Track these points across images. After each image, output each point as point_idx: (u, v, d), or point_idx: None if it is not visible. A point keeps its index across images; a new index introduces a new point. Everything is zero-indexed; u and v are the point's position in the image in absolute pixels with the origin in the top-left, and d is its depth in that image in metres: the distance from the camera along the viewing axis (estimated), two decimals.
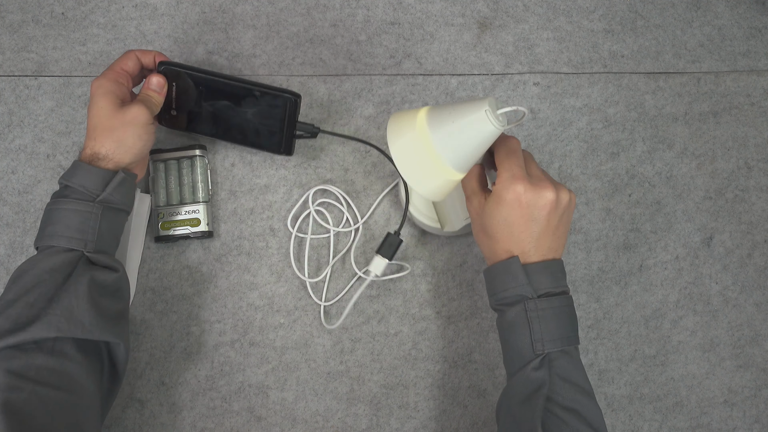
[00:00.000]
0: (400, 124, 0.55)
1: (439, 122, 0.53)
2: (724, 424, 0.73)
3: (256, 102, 0.66)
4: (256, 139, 0.68)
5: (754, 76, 0.79)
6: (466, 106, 0.52)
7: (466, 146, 0.53)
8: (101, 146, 0.59)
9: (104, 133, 0.59)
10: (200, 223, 0.68)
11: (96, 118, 0.59)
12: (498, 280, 0.56)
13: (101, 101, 0.59)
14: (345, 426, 0.69)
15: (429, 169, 0.54)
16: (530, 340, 0.54)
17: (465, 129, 0.52)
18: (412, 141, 0.54)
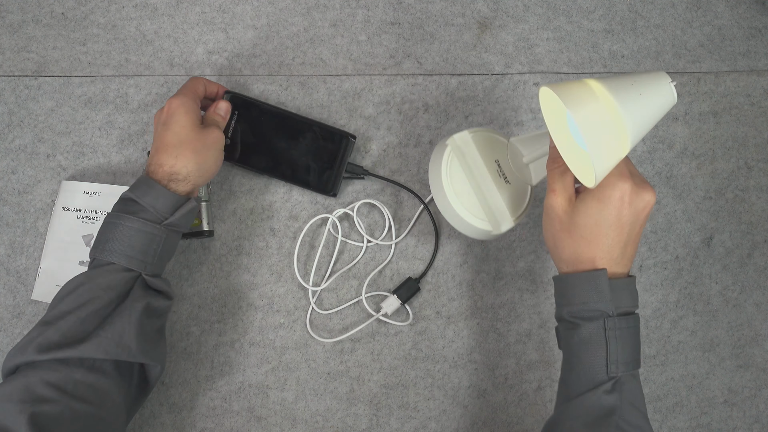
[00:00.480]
0: (574, 94, 0.49)
1: (624, 92, 0.48)
2: (724, 424, 0.73)
3: (312, 139, 0.68)
4: (305, 176, 0.69)
5: (754, 76, 0.79)
6: (645, 78, 0.50)
7: (650, 119, 0.49)
8: (183, 166, 0.58)
9: (187, 153, 0.58)
10: (201, 222, 0.68)
11: (179, 136, 0.58)
12: (578, 291, 0.52)
13: (184, 118, 0.59)
14: (345, 426, 0.69)
15: (612, 142, 0.48)
16: (605, 360, 0.51)
17: (652, 100, 0.49)
18: (597, 111, 0.47)
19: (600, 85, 0.48)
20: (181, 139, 0.58)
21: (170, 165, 0.57)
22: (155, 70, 0.73)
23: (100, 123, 0.72)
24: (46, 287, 0.67)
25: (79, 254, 0.68)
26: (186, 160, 0.58)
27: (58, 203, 0.68)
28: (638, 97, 0.48)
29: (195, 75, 0.66)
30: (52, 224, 0.68)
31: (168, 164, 0.57)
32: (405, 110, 0.74)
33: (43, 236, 0.69)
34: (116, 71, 0.73)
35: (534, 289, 0.72)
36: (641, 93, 0.48)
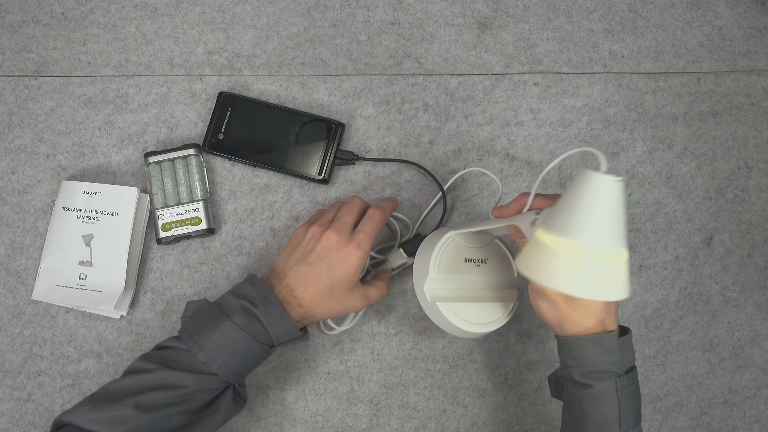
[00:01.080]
0: (535, 261, 0.48)
1: (574, 224, 0.46)
2: (724, 424, 0.73)
3: (302, 129, 0.70)
4: (296, 165, 0.70)
5: (754, 76, 0.79)
6: (578, 190, 0.46)
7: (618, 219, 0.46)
8: (320, 314, 0.58)
9: (327, 304, 0.58)
10: (201, 221, 0.68)
11: (334, 289, 0.57)
12: (589, 353, 0.53)
13: (349, 278, 0.58)
14: (345, 426, 0.69)
15: (602, 269, 0.46)
16: (618, 419, 0.52)
17: (607, 207, 0.45)
18: (566, 262, 0.46)
19: (550, 235, 0.47)
20: (333, 293, 0.57)
21: (307, 309, 0.57)
22: (155, 70, 0.73)
23: (100, 123, 0.72)
24: (46, 287, 0.67)
25: (79, 254, 0.68)
26: (321, 311, 0.58)
27: (58, 203, 0.68)
28: (590, 214, 0.45)
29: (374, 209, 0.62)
30: (52, 224, 0.68)
31: (306, 306, 0.57)
32: (405, 110, 0.74)
33: (43, 236, 0.69)
34: (116, 71, 0.73)
35: None
36: (590, 211, 0.45)
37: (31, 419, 0.67)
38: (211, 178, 0.71)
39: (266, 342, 0.56)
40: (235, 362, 0.55)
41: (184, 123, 0.72)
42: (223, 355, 0.54)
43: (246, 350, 0.55)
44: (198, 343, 0.55)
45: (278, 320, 0.55)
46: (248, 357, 0.56)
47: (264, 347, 0.56)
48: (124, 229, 0.67)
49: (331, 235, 0.58)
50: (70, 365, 0.68)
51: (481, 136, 0.74)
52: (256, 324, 0.55)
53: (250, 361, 0.56)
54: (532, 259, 0.48)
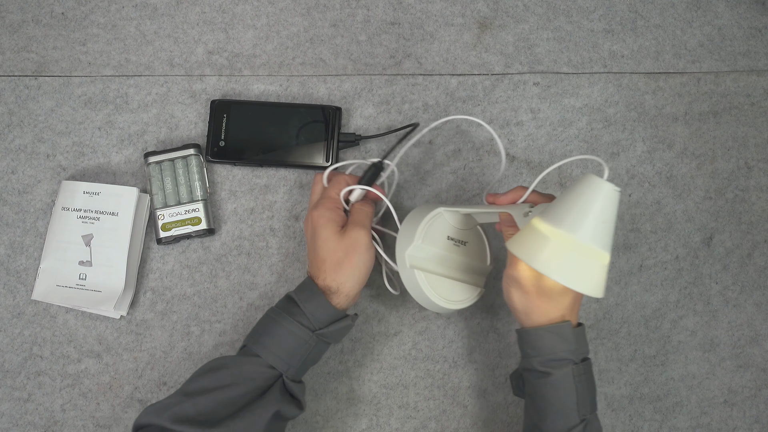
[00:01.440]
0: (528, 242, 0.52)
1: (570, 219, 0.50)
2: (724, 424, 0.73)
3: (301, 120, 0.70)
4: (303, 158, 0.70)
5: (754, 76, 0.79)
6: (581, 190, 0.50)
7: (609, 225, 0.50)
8: (332, 280, 0.59)
9: (333, 267, 0.59)
10: (201, 221, 0.68)
11: (323, 250, 0.59)
12: (548, 342, 0.56)
13: (324, 232, 0.59)
14: (345, 426, 0.69)
15: (587, 264, 0.50)
16: (576, 404, 0.55)
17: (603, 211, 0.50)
18: (556, 250, 0.50)
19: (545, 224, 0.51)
20: (326, 254, 0.59)
21: (322, 279, 0.59)
22: (155, 70, 0.73)
23: (100, 123, 0.72)
24: (46, 287, 0.67)
25: (79, 254, 0.68)
26: (334, 274, 0.59)
27: (58, 203, 0.68)
28: (586, 215, 0.49)
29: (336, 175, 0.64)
30: (52, 224, 0.68)
31: (321, 279, 0.59)
32: (405, 110, 0.74)
33: (43, 236, 0.69)
34: (116, 71, 0.73)
35: None
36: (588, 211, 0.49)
37: (31, 419, 0.67)
38: (211, 178, 0.71)
39: (303, 323, 0.57)
40: (273, 342, 0.57)
41: (184, 123, 0.72)
42: (262, 335, 0.57)
43: (282, 329, 0.57)
44: (251, 336, 0.58)
45: (309, 296, 0.58)
46: (285, 337, 0.57)
47: (301, 327, 0.57)
48: (124, 229, 0.68)
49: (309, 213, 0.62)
50: (70, 365, 0.68)
51: (481, 136, 0.74)
52: (293, 305, 0.58)
53: (288, 342, 0.57)
54: (524, 242, 0.52)
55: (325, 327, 0.58)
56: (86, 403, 0.67)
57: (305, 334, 0.57)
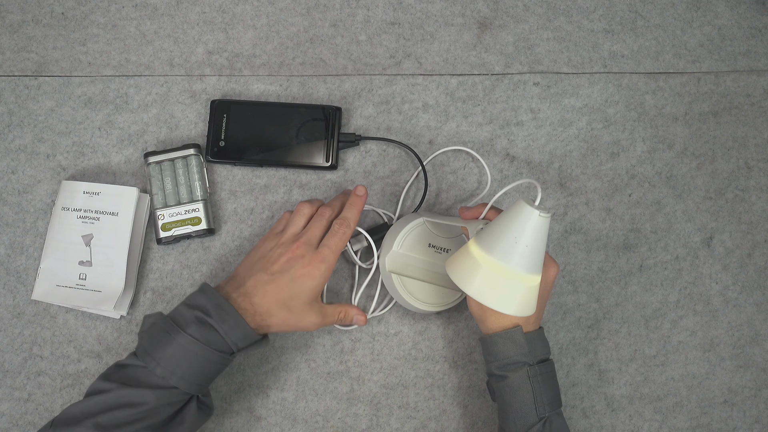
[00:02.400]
0: (462, 267, 0.55)
1: (500, 247, 0.53)
2: (724, 424, 0.73)
3: (301, 120, 0.70)
4: (303, 157, 0.70)
5: (754, 76, 0.79)
6: (511, 216, 0.53)
7: (539, 251, 0.53)
8: (272, 325, 0.58)
9: (283, 315, 0.58)
10: (201, 221, 0.68)
11: (293, 301, 0.58)
12: (501, 347, 0.59)
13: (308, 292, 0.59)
14: (345, 426, 0.69)
15: (514, 289, 0.53)
16: (533, 404, 0.58)
17: (529, 238, 0.52)
18: (486, 277, 0.53)
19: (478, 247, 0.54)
20: (290, 305, 0.58)
21: (262, 317, 0.57)
22: (155, 70, 0.73)
23: (100, 123, 0.72)
24: (46, 287, 0.67)
25: (79, 254, 0.68)
26: (276, 321, 0.58)
27: (58, 203, 0.68)
28: (514, 244, 0.52)
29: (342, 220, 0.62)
30: (52, 224, 0.68)
31: (260, 314, 0.57)
32: (405, 110, 0.74)
33: (43, 236, 0.69)
34: (116, 71, 0.73)
35: None
36: (517, 240, 0.52)
37: (31, 419, 0.67)
38: (211, 178, 0.71)
39: (224, 350, 0.56)
40: (194, 373, 0.55)
41: (184, 123, 0.72)
42: (180, 367, 0.54)
43: (204, 360, 0.55)
44: (154, 359, 0.54)
45: (234, 327, 0.56)
46: (207, 366, 0.55)
47: (222, 355, 0.56)
48: (124, 229, 0.68)
49: (298, 250, 0.59)
50: (70, 365, 0.68)
51: (481, 136, 0.74)
52: (212, 333, 0.55)
53: (209, 370, 0.56)
54: (459, 266, 0.56)
55: (241, 349, 0.58)
56: None
57: (222, 359, 0.56)
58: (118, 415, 0.52)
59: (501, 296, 0.53)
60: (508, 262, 0.52)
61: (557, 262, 0.67)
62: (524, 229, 0.52)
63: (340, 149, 0.71)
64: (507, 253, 0.52)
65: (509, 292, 0.53)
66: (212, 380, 0.58)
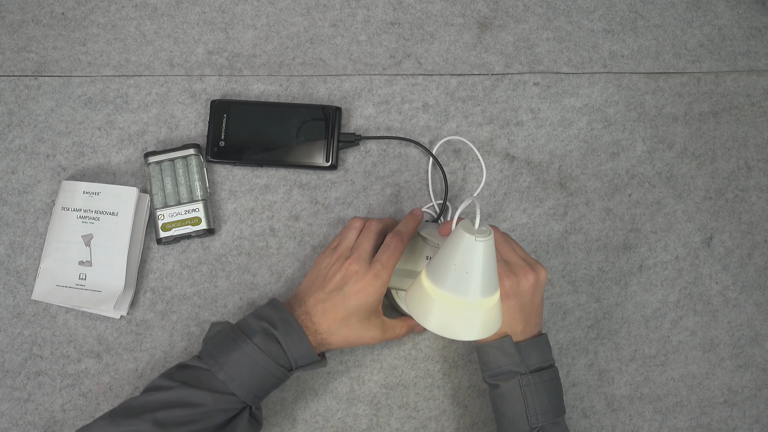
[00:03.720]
0: (418, 302, 0.54)
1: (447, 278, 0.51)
2: (724, 424, 0.73)
3: (301, 120, 0.70)
4: (303, 157, 0.70)
5: (754, 76, 0.79)
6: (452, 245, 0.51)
7: (485, 274, 0.51)
8: (333, 343, 0.59)
9: (343, 332, 0.58)
10: (201, 221, 0.68)
11: (350, 318, 0.58)
12: (492, 357, 0.59)
13: (365, 308, 0.58)
14: (345, 426, 0.69)
15: (472, 316, 0.52)
16: (525, 414, 0.58)
17: (471, 265, 0.50)
18: (441, 311, 0.52)
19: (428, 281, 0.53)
20: (349, 323, 0.58)
21: (323, 336, 0.58)
22: (155, 70, 0.73)
23: (100, 123, 0.72)
24: (46, 287, 0.67)
25: (79, 254, 0.68)
26: (337, 339, 0.58)
27: (58, 203, 0.68)
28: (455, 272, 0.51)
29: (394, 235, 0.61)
30: (52, 224, 0.68)
31: (321, 333, 0.58)
32: (405, 110, 0.74)
33: (43, 236, 0.69)
34: (116, 71, 0.73)
35: None
36: (456, 268, 0.50)
37: (31, 419, 0.67)
38: (211, 178, 0.71)
39: (284, 365, 0.56)
40: (254, 383, 0.56)
41: (184, 123, 0.72)
42: (242, 375, 0.55)
43: (264, 371, 0.56)
44: (218, 363, 0.55)
45: (297, 343, 0.56)
46: (266, 378, 0.56)
47: (282, 370, 0.56)
48: (124, 229, 0.68)
49: (351, 266, 0.59)
50: (70, 365, 0.68)
51: (481, 136, 0.74)
52: (276, 346, 0.56)
53: (268, 382, 0.56)
54: (414, 299, 0.55)
55: (301, 367, 0.58)
56: (86, 403, 0.67)
57: (283, 374, 0.57)
58: (176, 414, 0.53)
59: (460, 326, 0.52)
60: (457, 292, 0.51)
61: (544, 266, 0.64)
62: (466, 257, 0.50)
63: (340, 149, 0.71)
64: (455, 284, 0.51)
65: (468, 321, 0.52)
66: (268, 393, 0.58)
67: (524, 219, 0.73)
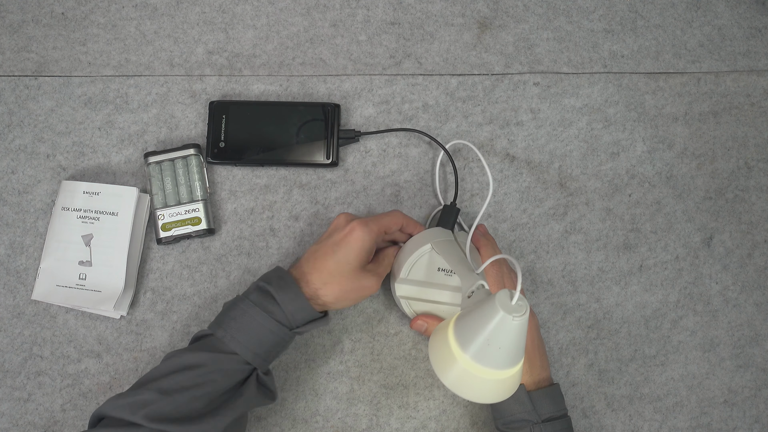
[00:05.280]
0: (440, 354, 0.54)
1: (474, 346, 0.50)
2: (724, 424, 0.73)
3: (300, 118, 0.70)
4: (303, 156, 0.70)
5: (754, 76, 0.79)
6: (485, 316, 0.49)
7: (514, 349, 0.50)
8: (326, 295, 0.58)
9: (335, 287, 0.58)
10: (201, 221, 0.68)
11: (339, 267, 0.58)
12: (505, 405, 0.60)
13: (354, 256, 0.59)
14: (345, 426, 0.69)
15: (491, 385, 0.52)
16: None
17: (502, 341, 0.49)
18: (461, 373, 0.52)
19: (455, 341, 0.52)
20: (339, 272, 0.58)
21: (316, 288, 0.58)
22: (155, 70, 0.73)
23: (100, 123, 0.72)
24: (46, 287, 0.67)
25: (79, 254, 0.68)
26: (330, 291, 0.58)
27: (58, 203, 0.68)
28: (486, 346, 0.49)
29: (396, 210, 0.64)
30: (52, 224, 0.68)
31: (314, 286, 0.58)
32: (405, 110, 0.74)
33: (43, 236, 0.69)
34: (116, 71, 0.73)
35: (534, 288, 0.72)
36: (489, 343, 0.49)
37: (31, 419, 0.67)
38: (211, 178, 0.71)
39: (282, 321, 0.56)
40: (252, 340, 0.56)
41: (184, 123, 0.72)
42: (240, 332, 0.56)
43: (262, 328, 0.56)
44: (220, 326, 0.57)
45: (292, 298, 0.57)
46: (265, 336, 0.56)
47: (280, 326, 0.56)
48: (124, 229, 0.68)
49: (340, 219, 0.61)
50: (70, 365, 0.68)
51: (481, 136, 0.74)
52: (270, 301, 0.57)
53: (266, 340, 0.56)
54: (437, 350, 0.54)
55: (301, 326, 0.58)
56: (86, 403, 0.67)
57: (284, 333, 0.57)
58: (178, 379, 0.54)
59: (477, 391, 0.52)
60: (483, 362, 0.50)
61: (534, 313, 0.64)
62: (498, 333, 0.49)
63: (340, 146, 0.71)
64: (481, 354, 0.50)
65: (485, 388, 0.52)
66: (271, 355, 0.57)
67: (524, 219, 0.73)
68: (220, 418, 0.53)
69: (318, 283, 0.58)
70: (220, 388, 0.54)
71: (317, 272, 0.58)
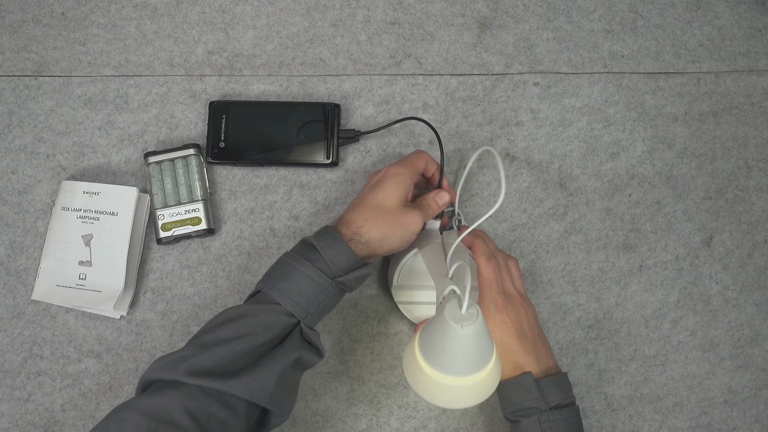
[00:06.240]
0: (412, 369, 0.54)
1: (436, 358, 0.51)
2: (724, 424, 0.73)
3: (300, 118, 0.70)
4: (303, 156, 0.70)
5: (754, 76, 0.79)
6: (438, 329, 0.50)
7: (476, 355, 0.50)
8: (368, 231, 0.57)
9: (378, 220, 0.58)
10: (201, 221, 0.68)
11: (379, 202, 0.58)
12: (512, 393, 0.60)
13: (393, 190, 0.59)
14: (345, 426, 0.69)
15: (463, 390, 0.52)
16: None
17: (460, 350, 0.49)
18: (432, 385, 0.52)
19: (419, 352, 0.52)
20: (380, 206, 0.58)
21: (357, 226, 0.58)
22: (155, 70, 0.73)
23: (100, 123, 0.72)
24: (46, 287, 0.67)
25: (79, 254, 0.68)
26: (373, 226, 0.57)
27: (58, 203, 0.68)
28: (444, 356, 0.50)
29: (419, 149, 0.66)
30: (52, 224, 0.68)
31: (355, 224, 0.58)
32: (405, 110, 0.74)
33: (43, 236, 0.69)
34: (116, 71, 0.73)
35: (534, 288, 0.72)
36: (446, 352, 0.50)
37: (31, 419, 0.67)
38: (211, 178, 0.71)
39: (322, 269, 0.56)
40: (292, 289, 0.55)
41: (184, 123, 0.72)
42: (280, 282, 0.56)
43: (301, 275, 0.55)
44: (265, 281, 0.57)
45: (330, 243, 0.56)
46: (305, 283, 0.55)
47: (319, 273, 0.56)
48: (124, 229, 0.68)
49: (382, 169, 0.62)
50: (70, 365, 0.68)
51: (481, 136, 0.74)
52: (311, 249, 0.57)
53: (307, 289, 0.55)
54: (409, 365, 0.55)
55: (344, 275, 0.57)
56: (86, 403, 0.67)
57: (324, 281, 0.56)
58: (219, 333, 0.53)
59: (452, 398, 0.52)
60: (447, 371, 0.50)
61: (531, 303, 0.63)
62: (454, 344, 0.49)
63: (340, 146, 0.71)
64: (443, 364, 0.50)
65: (460, 394, 0.52)
66: (314, 306, 0.56)
67: (524, 219, 0.73)
68: (260, 370, 0.51)
69: (360, 221, 0.58)
70: (261, 342, 0.53)
71: (357, 211, 0.58)
